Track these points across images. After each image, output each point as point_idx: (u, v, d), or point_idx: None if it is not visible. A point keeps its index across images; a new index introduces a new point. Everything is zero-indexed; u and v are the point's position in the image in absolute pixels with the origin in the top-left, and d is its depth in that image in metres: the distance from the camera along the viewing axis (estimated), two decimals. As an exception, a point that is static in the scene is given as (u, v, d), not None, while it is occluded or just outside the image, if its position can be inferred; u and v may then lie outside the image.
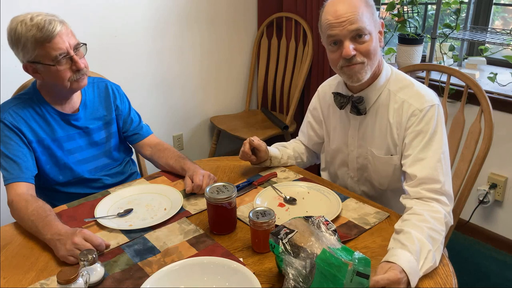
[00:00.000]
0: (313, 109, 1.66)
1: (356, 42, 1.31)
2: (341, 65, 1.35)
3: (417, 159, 1.31)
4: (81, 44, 1.47)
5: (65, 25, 1.43)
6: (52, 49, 1.39)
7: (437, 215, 1.21)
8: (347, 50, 1.30)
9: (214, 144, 3.15)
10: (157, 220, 1.34)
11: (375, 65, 1.37)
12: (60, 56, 1.40)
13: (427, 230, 1.15)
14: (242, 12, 3.13)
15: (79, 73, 1.45)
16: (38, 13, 1.40)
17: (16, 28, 1.38)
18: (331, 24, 1.31)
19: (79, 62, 1.44)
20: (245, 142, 1.57)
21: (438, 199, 1.26)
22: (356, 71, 1.34)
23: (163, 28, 2.79)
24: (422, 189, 1.27)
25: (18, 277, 1.14)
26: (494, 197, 2.41)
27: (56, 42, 1.38)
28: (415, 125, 1.34)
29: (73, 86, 1.47)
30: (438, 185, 1.27)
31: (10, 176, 1.42)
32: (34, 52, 1.40)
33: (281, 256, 1.01)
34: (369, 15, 1.31)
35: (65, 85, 1.46)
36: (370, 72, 1.35)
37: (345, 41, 1.30)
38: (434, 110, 1.33)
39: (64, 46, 1.40)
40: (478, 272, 2.31)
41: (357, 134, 1.49)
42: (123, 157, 1.74)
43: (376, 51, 1.34)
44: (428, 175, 1.27)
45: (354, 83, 1.37)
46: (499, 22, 2.73)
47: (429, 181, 1.27)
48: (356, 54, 1.31)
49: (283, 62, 3.11)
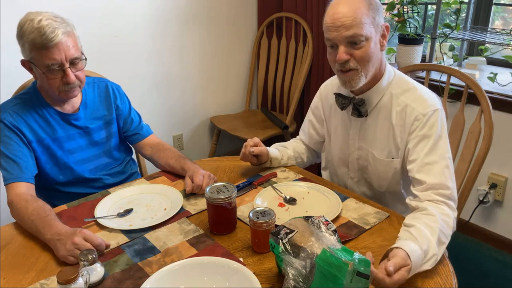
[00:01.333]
0: (314, 108, 1.66)
1: (351, 47, 1.30)
2: (337, 68, 1.36)
3: (424, 164, 1.30)
4: (81, 57, 1.45)
5: (71, 36, 1.41)
6: (46, 57, 1.38)
7: (447, 218, 1.21)
8: (340, 55, 1.31)
9: (214, 144, 3.15)
10: (157, 220, 1.34)
11: (371, 72, 1.35)
12: (52, 66, 1.39)
13: (438, 232, 1.15)
14: (242, 12, 3.13)
15: (68, 86, 1.44)
16: (49, 17, 1.38)
17: (23, 25, 1.38)
18: (328, 28, 1.31)
19: (70, 76, 1.42)
20: (246, 144, 1.57)
21: (448, 203, 1.26)
22: (350, 78, 1.34)
23: (163, 28, 2.79)
24: (432, 193, 1.27)
25: (18, 277, 1.14)
26: (494, 197, 2.41)
27: (52, 51, 1.37)
28: (418, 129, 1.34)
29: (61, 95, 1.47)
30: (448, 191, 1.27)
31: (10, 176, 1.42)
32: (30, 54, 1.40)
33: (281, 256, 1.01)
34: (369, 19, 1.29)
35: (54, 92, 1.46)
36: (365, 79, 1.35)
37: (340, 46, 1.31)
38: (437, 114, 1.33)
39: (59, 57, 1.39)
40: (478, 272, 2.31)
41: (358, 135, 1.49)
42: (123, 157, 1.74)
43: (372, 57, 1.32)
44: (437, 181, 1.27)
45: (348, 88, 1.39)
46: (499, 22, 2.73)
47: (438, 186, 1.27)
48: (350, 59, 1.31)
49: (283, 62, 3.11)
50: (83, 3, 2.42)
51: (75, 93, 1.49)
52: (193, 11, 2.88)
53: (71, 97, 1.50)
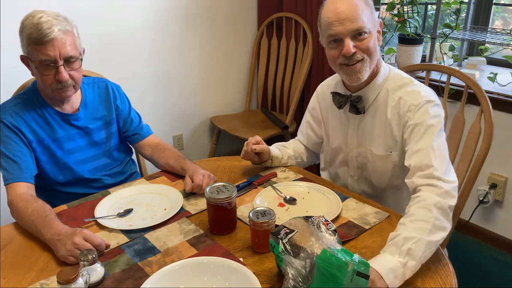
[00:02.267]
0: (312, 109, 1.66)
1: (356, 40, 1.33)
2: (340, 62, 1.36)
3: (413, 151, 1.32)
4: (78, 57, 1.45)
5: (69, 34, 1.41)
6: (40, 53, 1.38)
7: (422, 203, 1.19)
8: (348, 48, 1.31)
9: (214, 144, 3.15)
10: (157, 220, 1.34)
11: (374, 63, 1.38)
12: (46, 61, 1.39)
13: (409, 224, 1.14)
14: (242, 12, 3.13)
15: (61, 84, 1.44)
16: (50, 14, 1.40)
17: (25, 21, 1.40)
18: (332, 23, 1.32)
19: (62, 73, 1.41)
20: (248, 142, 1.57)
21: (430, 184, 1.23)
22: (357, 71, 1.35)
23: (163, 28, 2.79)
24: (415, 178, 1.27)
25: (18, 277, 1.14)
26: (494, 197, 2.41)
27: (46, 47, 1.37)
28: (410, 119, 1.35)
29: (54, 93, 1.47)
30: (430, 169, 1.25)
31: (10, 176, 1.42)
32: (27, 49, 1.41)
33: (281, 256, 1.01)
34: (368, 14, 1.33)
35: (47, 90, 1.46)
36: (369, 70, 1.37)
37: (346, 39, 1.32)
38: (429, 105, 1.34)
39: (53, 54, 1.38)
40: (478, 272, 2.31)
41: (356, 133, 1.50)
42: (123, 157, 1.74)
43: (376, 49, 1.36)
44: (420, 162, 1.28)
45: (353, 82, 1.39)
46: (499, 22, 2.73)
47: (421, 167, 1.27)
48: (356, 51, 1.33)
49: (283, 62, 3.11)
50: (83, 3, 2.42)
51: (69, 93, 1.48)
52: (193, 11, 2.88)
53: (64, 96, 1.49)
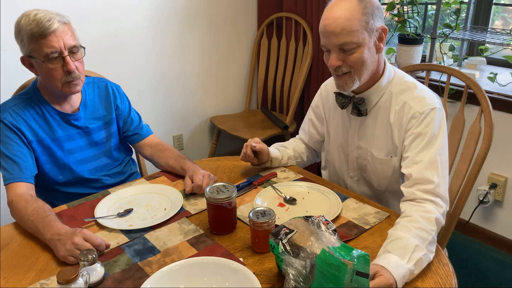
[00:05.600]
0: (315, 107, 1.66)
1: (343, 53, 1.31)
2: (331, 71, 1.37)
3: (414, 162, 1.31)
4: (79, 46, 1.46)
5: (67, 26, 1.43)
6: (45, 46, 1.39)
7: (428, 215, 1.20)
8: (331, 61, 1.32)
9: (214, 144, 3.15)
10: (157, 220, 1.34)
11: (365, 75, 1.35)
12: (52, 54, 1.40)
13: (414, 230, 1.15)
14: (242, 12, 3.13)
15: (71, 76, 1.44)
16: (44, 11, 1.41)
17: (20, 21, 1.40)
18: (321, 33, 1.33)
19: (70, 63, 1.42)
20: (247, 144, 1.57)
21: (432, 200, 1.25)
22: (343, 82, 1.36)
23: (163, 28, 2.79)
24: (416, 190, 1.27)
25: (18, 277, 1.14)
26: (494, 197, 2.41)
27: (50, 39, 1.38)
28: (414, 127, 1.34)
29: (64, 89, 1.46)
30: (431, 185, 1.26)
31: (10, 176, 1.42)
32: (29, 46, 1.41)
33: (281, 256, 1.01)
34: (362, 25, 1.28)
35: (57, 85, 1.46)
36: (359, 81, 1.35)
37: (332, 52, 1.32)
38: (434, 113, 1.33)
39: (58, 45, 1.39)
40: (478, 272, 2.31)
41: (357, 134, 1.49)
42: (123, 157, 1.74)
43: (366, 62, 1.32)
44: (422, 175, 1.28)
45: (341, 91, 1.40)
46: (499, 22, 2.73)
47: (422, 181, 1.27)
48: (342, 64, 1.32)
49: (283, 62, 3.11)
50: (83, 3, 2.42)
51: (78, 88, 1.49)
52: (193, 11, 2.88)
53: (73, 91, 1.49)
